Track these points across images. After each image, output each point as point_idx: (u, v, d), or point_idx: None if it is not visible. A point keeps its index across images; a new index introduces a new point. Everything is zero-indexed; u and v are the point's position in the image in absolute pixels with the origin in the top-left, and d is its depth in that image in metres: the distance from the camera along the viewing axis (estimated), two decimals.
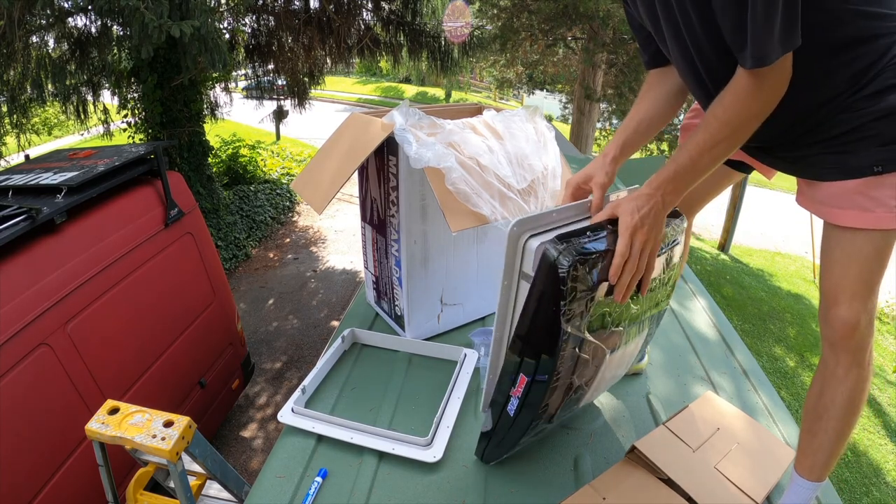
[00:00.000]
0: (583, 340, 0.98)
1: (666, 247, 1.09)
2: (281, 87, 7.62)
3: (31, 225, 2.10)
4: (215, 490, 2.15)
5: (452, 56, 6.97)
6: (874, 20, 0.87)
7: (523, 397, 1.05)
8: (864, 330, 0.97)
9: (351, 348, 1.75)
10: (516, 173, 1.53)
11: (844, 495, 3.44)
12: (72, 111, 5.96)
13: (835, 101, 0.92)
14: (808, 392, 1.07)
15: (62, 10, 4.96)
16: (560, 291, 0.90)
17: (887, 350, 5.44)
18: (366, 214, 1.80)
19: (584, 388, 1.13)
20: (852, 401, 1.01)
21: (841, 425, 1.02)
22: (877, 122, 0.89)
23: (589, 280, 0.92)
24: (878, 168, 0.90)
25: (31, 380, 2.06)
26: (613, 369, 1.18)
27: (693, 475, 1.19)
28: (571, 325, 0.94)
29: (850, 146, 0.93)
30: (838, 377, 1.00)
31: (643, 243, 0.93)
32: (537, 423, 1.12)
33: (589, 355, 1.04)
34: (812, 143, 0.97)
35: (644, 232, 0.93)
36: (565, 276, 0.89)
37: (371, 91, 23.50)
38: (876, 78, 0.88)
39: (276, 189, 8.54)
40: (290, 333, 5.11)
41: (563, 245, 0.91)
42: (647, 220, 0.93)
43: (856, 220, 0.95)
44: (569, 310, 0.92)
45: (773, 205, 10.00)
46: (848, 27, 0.87)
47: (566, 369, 1.02)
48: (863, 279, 0.96)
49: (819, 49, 0.88)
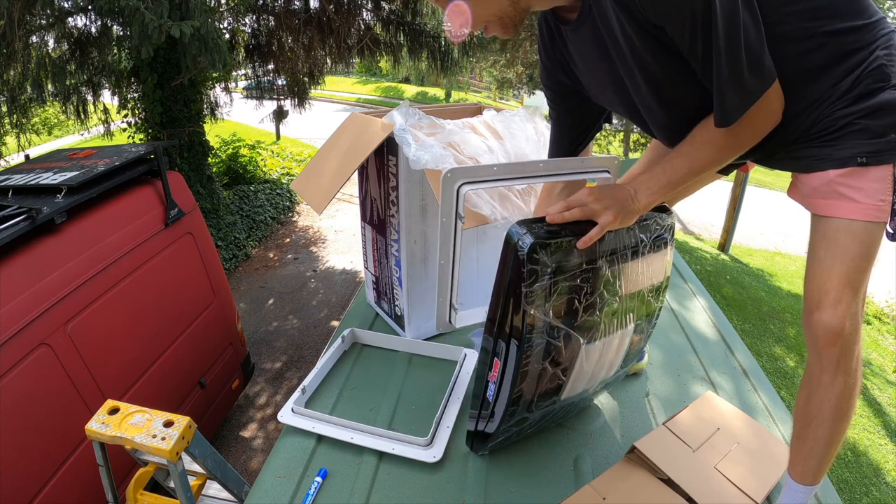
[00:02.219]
0: (550, 325, 1.02)
1: (648, 240, 1.12)
2: (281, 87, 7.62)
3: (31, 225, 2.10)
4: (215, 490, 2.15)
5: (452, 56, 6.96)
6: (847, 35, 0.89)
7: (499, 382, 1.10)
8: (849, 335, 0.94)
9: (351, 348, 1.75)
10: None
11: (844, 495, 3.44)
12: (72, 111, 5.95)
13: (819, 109, 0.93)
14: (797, 398, 1.05)
15: (62, 10, 4.95)
16: (521, 273, 0.96)
17: (887, 350, 5.44)
18: (366, 214, 1.80)
19: (561, 378, 1.14)
20: (840, 408, 0.98)
21: (830, 432, 1.00)
22: (862, 119, 0.90)
23: (549, 264, 0.97)
24: (862, 160, 0.91)
25: (31, 380, 2.06)
26: (595, 363, 1.18)
27: (693, 475, 1.19)
28: (534, 307, 0.98)
29: (836, 141, 0.94)
30: (824, 384, 0.97)
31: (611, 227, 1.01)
32: (515, 410, 1.13)
33: (560, 342, 1.06)
34: (800, 140, 0.98)
35: (615, 225, 1.01)
36: (525, 258, 0.95)
37: (371, 91, 23.49)
38: (857, 86, 0.90)
39: (276, 189, 8.54)
40: (290, 333, 5.11)
41: (525, 229, 0.97)
42: (621, 221, 1.00)
43: (837, 209, 0.94)
44: (530, 291, 0.97)
45: (773, 205, 10.00)
46: (823, 50, 0.90)
47: (536, 354, 1.04)
48: (847, 280, 0.93)
49: (799, 75, 0.91)
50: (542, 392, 1.14)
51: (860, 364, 0.99)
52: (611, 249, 1.05)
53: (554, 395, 1.18)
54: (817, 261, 0.97)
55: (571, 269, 1.00)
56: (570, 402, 1.26)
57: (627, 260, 1.09)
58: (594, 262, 1.03)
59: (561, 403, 1.23)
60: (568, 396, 1.22)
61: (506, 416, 1.14)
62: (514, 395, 1.08)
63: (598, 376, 1.24)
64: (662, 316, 2.01)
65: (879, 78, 0.89)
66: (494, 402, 1.14)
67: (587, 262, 1.02)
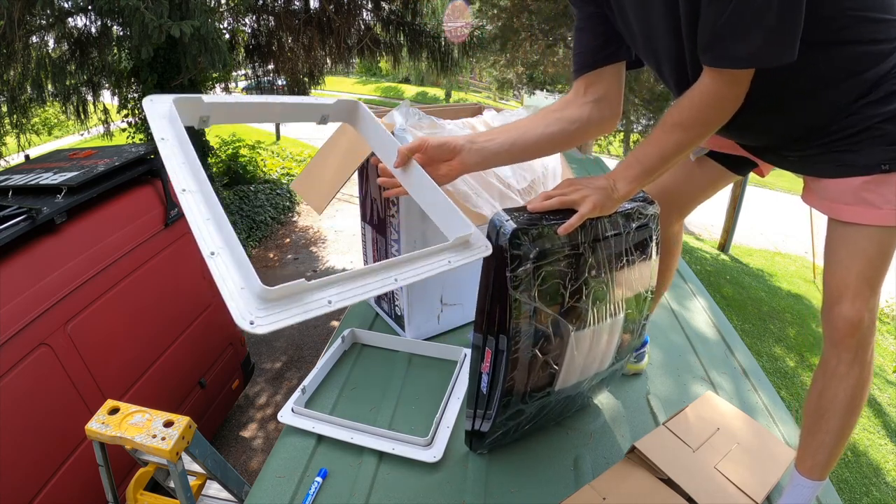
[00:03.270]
0: (536, 309, 1.04)
1: (631, 229, 1.14)
2: (281, 88, 7.62)
3: (31, 225, 2.10)
4: (215, 490, 2.15)
5: (452, 56, 6.97)
6: (874, 24, 0.88)
7: (491, 372, 1.11)
8: (867, 328, 0.98)
9: (351, 348, 1.75)
10: (516, 173, 1.53)
11: (844, 495, 3.44)
12: (72, 111, 5.96)
13: (842, 108, 0.93)
14: (809, 391, 1.08)
15: (62, 10, 4.96)
16: (504, 259, 0.99)
17: (887, 350, 5.44)
18: (366, 214, 1.80)
19: (553, 367, 1.15)
20: (853, 399, 1.01)
21: (842, 423, 1.03)
22: (884, 124, 0.90)
23: (532, 249, 1.00)
24: (885, 166, 0.91)
25: (31, 380, 2.06)
26: (586, 352, 1.19)
27: (693, 475, 1.19)
28: (519, 291, 1.01)
29: (857, 145, 0.94)
30: (840, 375, 1.01)
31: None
32: (510, 401, 1.14)
33: (548, 328, 1.08)
34: (819, 143, 0.98)
35: (595, 213, 1.03)
36: (507, 243, 0.98)
37: (371, 91, 23.50)
38: (881, 84, 0.89)
39: (276, 189, 8.54)
40: (290, 333, 5.11)
41: (507, 216, 1.01)
42: (600, 209, 1.02)
43: (861, 216, 0.96)
44: (515, 276, 1.00)
45: (773, 205, 10.00)
46: (848, 32, 0.88)
47: (525, 340, 1.06)
48: (866, 278, 0.97)
49: (821, 55, 0.89)
50: (535, 382, 1.15)
51: (873, 358, 1.02)
52: (593, 236, 1.08)
53: (548, 385, 1.19)
54: (837, 260, 1.00)
55: (554, 255, 1.03)
56: (565, 395, 1.26)
57: (611, 248, 1.12)
58: (576, 247, 1.06)
59: (556, 396, 1.23)
60: (562, 388, 1.22)
61: (501, 408, 1.14)
62: (506, 383, 1.10)
63: (591, 368, 1.24)
64: (662, 316, 2.01)
65: None
66: (489, 394, 1.15)
67: (570, 248, 1.05)
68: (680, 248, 1.49)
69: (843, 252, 0.99)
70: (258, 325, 0.67)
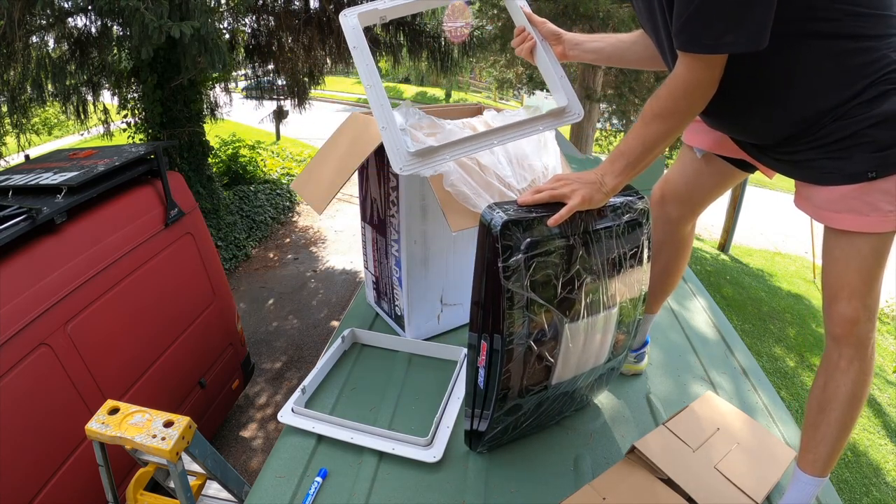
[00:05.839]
0: (529, 300, 1.05)
1: (621, 221, 1.15)
2: (281, 88, 7.62)
3: (31, 225, 2.10)
4: (215, 490, 2.15)
5: (452, 56, 6.96)
6: (861, 18, 0.88)
7: (487, 365, 1.13)
8: (865, 325, 1.01)
9: (351, 348, 1.75)
10: (516, 173, 1.53)
11: (844, 495, 3.44)
12: (72, 111, 5.95)
13: (830, 108, 0.93)
14: (812, 387, 1.11)
15: (62, 10, 4.95)
16: (496, 250, 1.02)
17: (887, 350, 5.44)
18: (366, 214, 1.80)
19: (549, 360, 1.15)
20: (854, 393, 1.04)
21: (843, 417, 1.05)
22: (871, 129, 0.91)
23: (522, 240, 1.03)
24: (872, 174, 0.92)
25: (31, 380, 2.06)
26: (581, 345, 1.19)
27: (693, 475, 1.19)
28: (511, 282, 1.03)
29: (846, 152, 0.94)
30: (841, 369, 1.04)
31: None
32: (507, 394, 1.14)
33: (542, 319, 1.09)
34: (809, 147, 0.99)
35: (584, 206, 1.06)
36: (498, 234, 1.01)
37: None
38: (871, 86, 0.90)
39: (276, 189, 8.53)
40: (290, 333, 5.11)
41: (497, 209, 1.05)
42: (589, 202, 1.06)
43: (852, 223, 0.98)
44: (507, 267, 1.02)
45: (773, 205, 9.99)
46: (835, 25, 0.89)
47: (519, 331, 1.08)
48: (861, 277, 0.99)
49: (805, 45, 0.90)
50: (531, 376, 1.15)
51: (874, 354, 1.05)
52: (583, 229, 1.10)
53: (544, 379, 1.19)
54: (834, 260, 1.03)
55: (545, 246, 1.05)
56: (562, 390, 1.26)
57: (601, 240, 1.13)
58: (567, 239, 1.08)
59: (553, 391, 1.23)
60: (559, 382, 1.22)
61: (498, 402, 1.15)
62: (503, 375, 1.10)
63: (587, 363, 1.25)
64: (662, 316, 2.01)
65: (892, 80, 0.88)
66: (486, 388, 1.15)
67: (560, 239, 1.07)
68: (690, 249, 1.49)
69: (839, 252, 1.02)
70: (404, 171, 1.15)
